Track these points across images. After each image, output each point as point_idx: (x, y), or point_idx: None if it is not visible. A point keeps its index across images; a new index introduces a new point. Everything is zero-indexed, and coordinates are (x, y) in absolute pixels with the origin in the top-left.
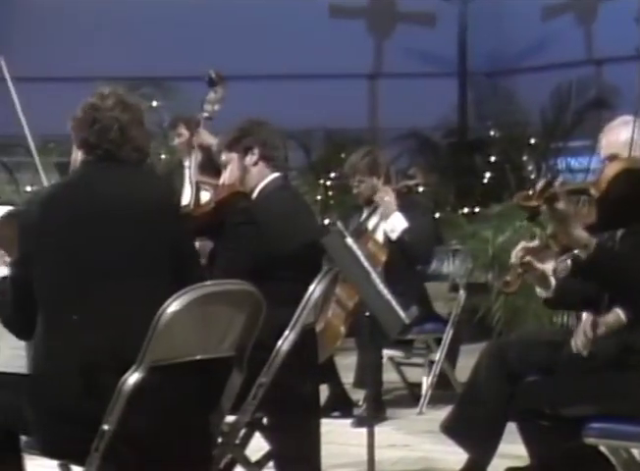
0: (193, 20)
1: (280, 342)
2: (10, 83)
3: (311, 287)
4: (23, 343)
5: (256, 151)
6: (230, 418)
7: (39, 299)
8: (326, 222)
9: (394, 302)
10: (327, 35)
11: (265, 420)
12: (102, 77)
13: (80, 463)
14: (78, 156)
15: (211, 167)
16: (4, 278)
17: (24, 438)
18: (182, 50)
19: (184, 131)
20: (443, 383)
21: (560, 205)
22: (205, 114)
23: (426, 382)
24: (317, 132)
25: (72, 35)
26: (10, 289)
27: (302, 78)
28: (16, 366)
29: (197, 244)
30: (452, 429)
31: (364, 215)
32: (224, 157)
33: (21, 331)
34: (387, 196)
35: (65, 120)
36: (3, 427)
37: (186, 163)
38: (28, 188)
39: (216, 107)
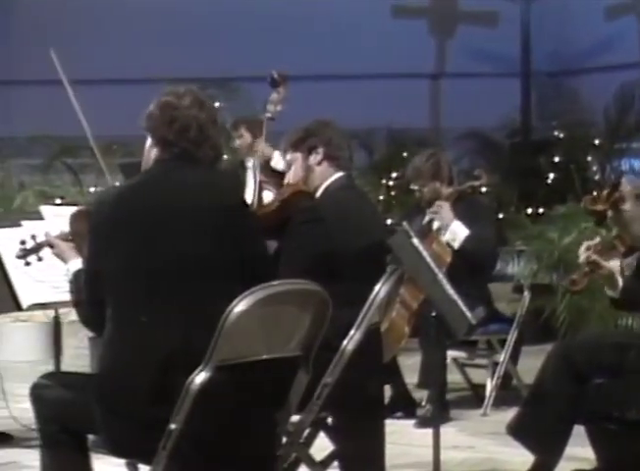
0: (256, 20)
1: (345, 342)
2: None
3: (377, 287)
4: (86, 343)
5: (320, 151)
6: (294, 417)
7: (109, 298)
8: (388, 222)
9: (460, 303)
10: (389, 35)
11: (330, 420)
12: (165, 78)
13: (148, 462)
14: (151, 155)
15: (271, 175)
16: (79, 272)
17: (91, 436)
18: (244, 51)
19: (245, 133)
20: (505, 384)
21: (627, 208)
22: (268, 114)
23: (490, 383)
24: (379, 132)
25: (135, 37)
26: (84, 287)
27: (365, 77)
28: (78, 365)
29: None
30: (518, 430)
31: (427, 216)
32: (288, 157)
33: (94, 328)
34: (442, 208)
35: (129, 121)
36: (70, 426)
37: (249, 164)
38: (92, 189)
39: (278, 107)
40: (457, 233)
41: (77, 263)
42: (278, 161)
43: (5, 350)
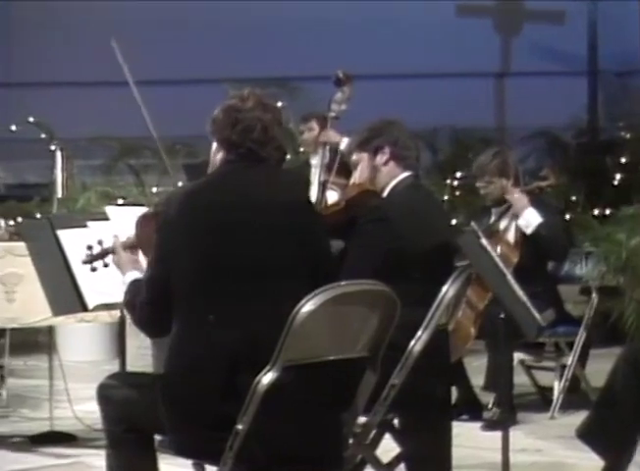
0: (318, 19)
1: (412, 343)
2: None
3: (445, 288)
4: (148, 343)
5: (387, 150)
6: (361, 419)
7: (176, 298)
8: (453, 222)
9: (529, 304)
10: (454, 34)
11: (396, 421)
12: (227, 78)
13: (215, 463)
14: (217, 157)
15: (341, 167)
16: (136, 280)
17: (157, 437)
18: (308, 50)
19: (315, 126)
20: (573, 387)
21: None
22: (332, 113)
23: (558, 386)
24: (443, 132)
25: (196, 37)
26: (145, 288)
27: (429, 76)
28: (140, 366)
29: None
30: (587, 434)
31: (494, 216)
32: (354, 157)
33: (153, 330)
34: (517, 193)
35: (191, 122)
36: (137, 427)
37: (313, 161)
38: (154, 190)
39: (343, 107)
40: (530, 219)
41: (133, 275)
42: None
43: (69, 351)
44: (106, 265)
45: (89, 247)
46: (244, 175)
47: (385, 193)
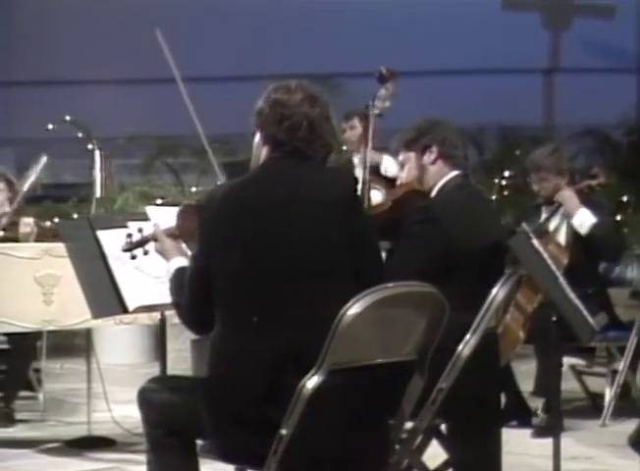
0: (361, 15)
1: (461, 347)
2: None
3: (494, 290)
4: (188, 346)
5: (434, 149)
6: (407, 424)
7: (218, 298)
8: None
9: (582, 307)
10: (501, 29)
11: (443, 427)
12: (268, 75)
13: (258, 467)
14: (262, 152)
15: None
16: (181, 268)
17: (199, 442)
18: (350, 46)
19: (357, 124)
20: (624, 393)
21: None
22: (376, 111)
23: (609, 392)
24: (490, 130)
25: (236, 34)
26: (188, 284)
27: (475, 73)
28: (180, 369)
29: None
30: (639, 443)
31: (544, 215)
32: (401, 157)
33: (197, 327)
34: (568, 193)
35: (229, 120)
36: (178, 431)
37: (356, 160)
38: (194, 189)
39: (387, 104)
40: (584, 219)
41: (178, 261)
42: (388, 166)
43: (106, 353)
44: (146, 253)
45: (129, 235)
46: (289, 173)
47: (433, 193)
